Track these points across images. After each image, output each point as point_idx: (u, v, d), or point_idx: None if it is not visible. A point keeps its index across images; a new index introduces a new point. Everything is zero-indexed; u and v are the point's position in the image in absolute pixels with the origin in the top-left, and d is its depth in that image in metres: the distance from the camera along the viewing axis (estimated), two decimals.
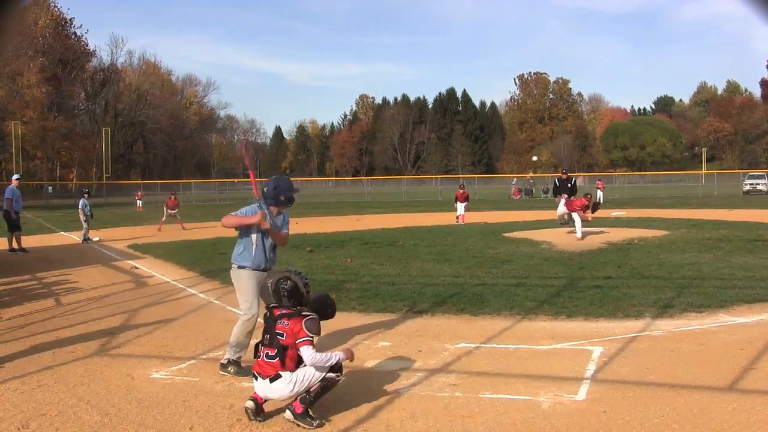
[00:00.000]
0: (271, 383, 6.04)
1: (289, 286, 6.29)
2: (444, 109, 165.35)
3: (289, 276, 6.38)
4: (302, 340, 6.03)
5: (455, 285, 12.78)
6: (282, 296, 6.28)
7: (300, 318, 6.12)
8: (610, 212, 36.48)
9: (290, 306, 6.25)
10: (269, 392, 6.08)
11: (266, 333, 6.20)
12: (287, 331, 6.07)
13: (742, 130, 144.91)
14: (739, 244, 18.07)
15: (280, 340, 6.08)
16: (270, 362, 6.08)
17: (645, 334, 8.88)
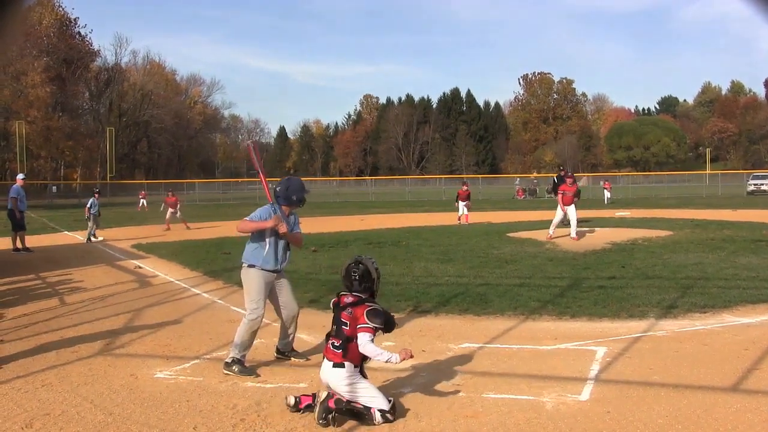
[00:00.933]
0: (333, 367, 6.09)
1: (361, 270, 6.32)
2: (448, 109, 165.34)
3: (360, 260, 6.41)
4: (362, 326, 6.06)
5: (459, 285, 12.77)
6: (354, 280, 6.31)
7: (364, 306, 6.15)
8: (614, 212, 36.48)
9: (361, 291, 6.28)
10: (329, 376, 6.11)
11: (333, 323, 6.26)
12: (350, 319, 6.12)
13: (747, 130, 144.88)
14: (743, 245, 18.04)
15: (344, 330, 6.12)
16: (335, 351, 6.12)
17: (649, 335, 8.87)
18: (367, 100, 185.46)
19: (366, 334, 6.02)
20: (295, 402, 6.20)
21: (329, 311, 10.64)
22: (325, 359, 6.20)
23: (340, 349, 6.09)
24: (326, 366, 6.16)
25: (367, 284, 6.32)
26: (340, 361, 6.07)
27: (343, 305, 6.22)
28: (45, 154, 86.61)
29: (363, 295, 6.29)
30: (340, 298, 6.34)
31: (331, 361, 6.12)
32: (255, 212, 8.12)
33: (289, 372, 7.55)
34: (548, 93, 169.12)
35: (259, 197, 75.62)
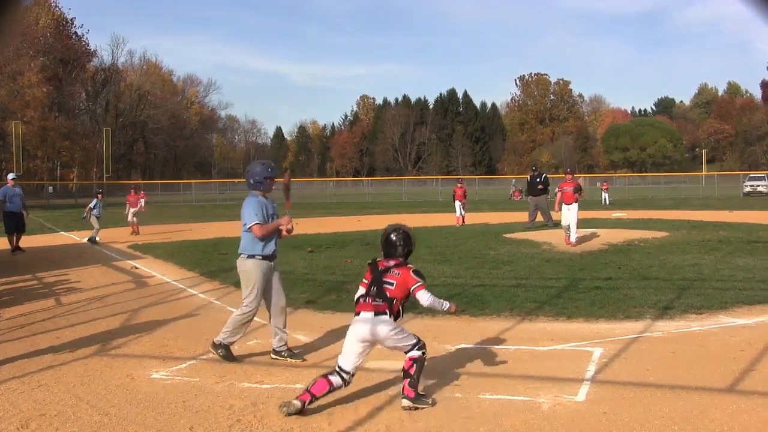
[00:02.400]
0: (375, 316, 6.38)
1: (403, 234, 6.80)
2: (445, 110, 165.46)
3: (401, 226, 6.93)
4: (417, 285, 6.54)
5: (456, 286, 12.78)
6: (397, 246, 6.75)
7: (407, 267, 6.62)
8: (610, 213, 36.51)
9: (401, 255, 6.73)
10: (375, 324, 6.35)
11: (373, 285, 6.53)
12: (398, 279, 6.50)
13: (743, 131, 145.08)
14: (740, 246, 18.06)
15: (388, 290, 6.45)
16: (378, 303, 6.41)
17: (645, 336, 8.88)
18: (364, 100, 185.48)
19: (424, 291, 6.57)
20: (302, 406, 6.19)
21: (326, 312, 10.70)
22: (364, 313, 6.44)
23: (387, 307, 6.41)
24: (369, 318, 6.39)
25: (408, 249, 6.82)
26: (383, 309, 6.39)
27: (385, 268, 6.60)
28: (41, 154, 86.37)
29: (402, 259, 6.72)
30: (377, 263, 6.70)
31: (371, 312, 6.40)
32: (250, 210, 8.20)
33: (286, 373, 7.55)
34: (545, 94, 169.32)
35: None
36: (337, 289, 12.73)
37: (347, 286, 13.04)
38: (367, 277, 6.66)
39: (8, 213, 20.76)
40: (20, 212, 21.10)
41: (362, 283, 6.67)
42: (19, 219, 21.10)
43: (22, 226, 21.29)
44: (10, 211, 20.77)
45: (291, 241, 22.39)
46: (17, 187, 21.52)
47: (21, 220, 21.23)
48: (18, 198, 21.21)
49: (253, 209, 8.22)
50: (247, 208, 8.28)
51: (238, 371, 7.66)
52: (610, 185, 57.77)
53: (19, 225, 21.15)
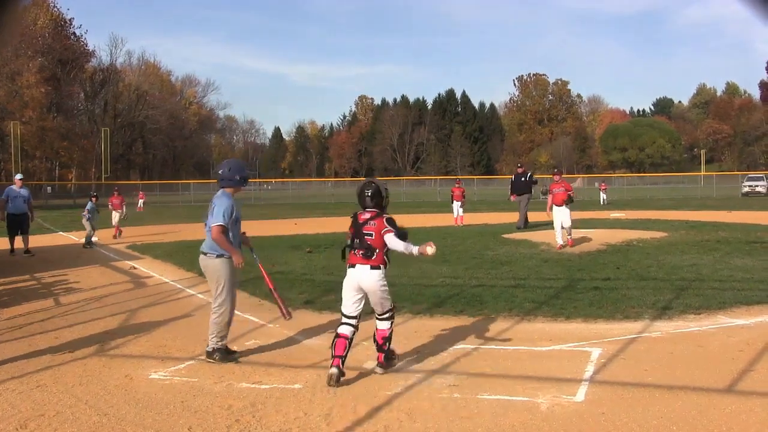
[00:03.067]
0: (371, 270, 7.38)
1: (373, 188, 7.54)
2: (443, 111, 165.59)
3: (372, 180, 7.83)
4: (386, 230, 7.36)
5: (454, 286, 12.78)
6: (366, 197, 7.51)
7: (382, 217, 7.43)
8: (609, 214, 36.52)
9: (373, 207, 7.49)
10: (365, 276, 7.40)
11: (356, 237, 7.47)
12: (375, 230, 7.38)
13: (741, 131, 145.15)
14: (738, 246, 18.06)
15: (369, 240, 7.38)
16: (368, 258, 7.36)
17: (644, 336, 8.88)
18: (362, 101, 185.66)
19: (391, 234, 7.34)
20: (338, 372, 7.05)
21: (325, 312, 10.72)
22: (358, 266, 7.42)
23: (372, 255, 7.33)
24: (362, 270, 7.40)
25: (377, 200, 7.50)
26: (377, 264, 7.36)
27: (364, 221, 7.45)
28: (40, 154, 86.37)
29: (376, 209, 7.50)
30: (357, 216, 7.54)
31: (367, 265, 7.35)
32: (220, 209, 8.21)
33: (285, 373, 7.55)
34: (543, 94, 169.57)
35: (254, 198, 75.63)
36: (336, 290, 12.64)
37: None
38: (350, 229, 7.60)
39: (9, 214, 20.24)
40: (24, 214, 20.48)
41: (348, 236, 7.67)
42: (22, 221, 20.49)
43: (24, 229, 20.60)
44: (11, 213, 20.27)
45: (289, 241, 22.41)
46: (24, 189, 20.80)
47: (24, 223, 20.59)
48: (21, 200, 20.50)
49: (223, 209, 8.18)
50: (219, 206, 8.22)
51: (236, 371, 7.66)
52: (608, 185, 57.81)
53: (22, 227, 20.52)
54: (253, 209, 52.84)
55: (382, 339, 7.45)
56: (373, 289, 7.35)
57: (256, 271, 9.13)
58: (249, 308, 11.35)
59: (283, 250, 19.42)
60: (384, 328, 7.46)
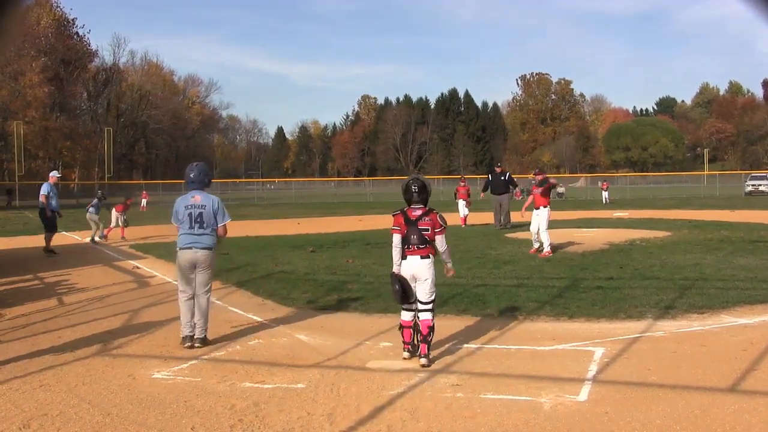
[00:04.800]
0: (422, 259, 7.80)
1: (419, 184, 7.91)
2: (446, 110, 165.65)
3: (418, 176, 8.11)
4: (440, 229, 7.87)
5: (457, 286, 12.75)
6: (414, 192, 7.88)
7: (435, 213, 7.87)
8: (612, 213, 36.49)
9: (420, 202, 7.90)
10: (419, 265, 7.80)
11: (412, 234, 7.80)
12: (431, 225, 7.81)
13: (744, 131, 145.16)
14: (741, 245, 18.05)
15: (427, 234, 7.81)
16: (422, 248, 7.81)
17: (647, 335, 8.87)
18: (365, 100, 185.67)
19: (444, 235, 7.94)
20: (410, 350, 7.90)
21: (328, 311, 10.71)
22: (410, 257, 7.81)
23: (425, 247, 7.80)
24: (414, 260, 7.80)
25: (424, 195, 7.92)
26: (427, 254, 7.82)
27: (417, 218, 7.81)
28: (43, 154, 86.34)
29: (423, 205, 7.92)
30: (407, 213, 7.87)
31: (418, 255, 7.78)
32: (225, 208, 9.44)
33: (288, 373, 7.55)
34: (546, 94, 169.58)
35: (257, 197, 75.64)
36: (339, 289, 12.72)
37: (349, 286, 13.05)
38: (398, 224, 7.86)
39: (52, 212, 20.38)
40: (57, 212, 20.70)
41: (395, 230, 7.90)
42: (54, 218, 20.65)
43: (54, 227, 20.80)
44: (53, 210, 20.41)
45: (292, 241, 22.40)
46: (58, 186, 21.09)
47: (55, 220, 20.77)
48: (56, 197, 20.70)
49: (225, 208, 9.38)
50: (223, 206, 9.34)
51: (239, 371, 7.65)
52: (609, 185, 57.79)
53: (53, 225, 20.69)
54: (256, 209, 52.91)
55: (427, 329, 7.69)
56: (424, 276, 7.75)
57: (259, 271, 9.17)
58: (251, 308, 11.36)
59: (286, 250, 19.41)
60: (428, 318, 7.73)
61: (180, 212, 9.09)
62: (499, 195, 26.29)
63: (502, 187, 26.49)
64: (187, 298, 9.02)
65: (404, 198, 8.01)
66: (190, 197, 9.14)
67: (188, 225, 9.01)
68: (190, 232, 8.99)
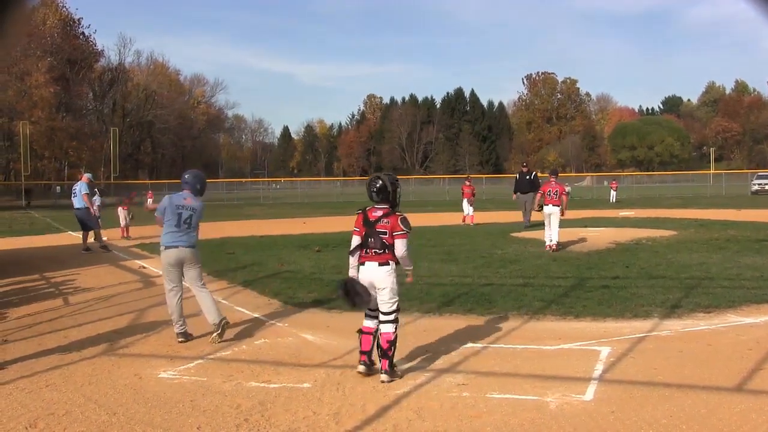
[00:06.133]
0: (380, 266, 7.19)
1: (379, 184, 7.34)
2: (452, 109, 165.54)
3: (378, 175, 7.54)
4: (400, 233, 7.20)
5: (463, 285, 12.76)
6: (372, 192, 7.34)
7: (396, 216, 7.25)
8: (618, 212, 36.45)
9: (380, 202, 7.33)
10: (376, 273, 7.19)
11: (370, 237, 7.24)
12: (389, 228, 7.20)
13: (751, 129, 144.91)
14: (748, 245, 18.02)
15: (384, 239, 7.20)
16: (380, 254, 7.21)
17: (653, 335, 8.86)
18: (371, 100, 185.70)
19: (404, 240, 7.23)
20: (366, 368, 7.25)
21: (334, 311, 10.71)
22: (367, 263, 7.24)
23: (384, 252, 7.20)
24: (371, 267, 7.22)
25: (383, 195, 7.33)
26: (386, 260, 7.20)
27: (376, 219, 7.24)
28: (49, 154, 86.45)
29: (386, 206, 7.34)
30: (367, 213, 7.33)
31: (375, 262, 7.20)
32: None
33: (294, 372, 7.55)
34: (552, 93, 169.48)
35: (262, 197, 75.69)
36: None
37: None
38: (358, 224, 7.35)
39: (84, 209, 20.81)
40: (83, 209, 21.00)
41: (355, 232, 7.37)
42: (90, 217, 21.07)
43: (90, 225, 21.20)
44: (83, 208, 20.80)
45: (298, 240, 22.41)
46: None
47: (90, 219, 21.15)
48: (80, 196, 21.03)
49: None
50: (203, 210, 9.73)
51: (245, 371, 7.66)
52: (618, 184, 57.74)
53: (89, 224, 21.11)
54: (262, 208, 52.98)
55: (387, 343, 7.12)
56: (383, 285, 7.15)
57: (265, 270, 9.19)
58: (257, 307, 11.37)
59: (292, 250, 19.42)
60: (389, 331, 7.16)
61: (169, 209, 9.28)
62: (524, 194, 26.60)
63: (527, 187, 26.71)
64: (175, 295, 9.26)
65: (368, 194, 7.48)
66: (182, 198, 9.39)
67: (175, 224, 9.21)
68: (176, 231, 9.22)
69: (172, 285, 9.29)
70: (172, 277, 9.29)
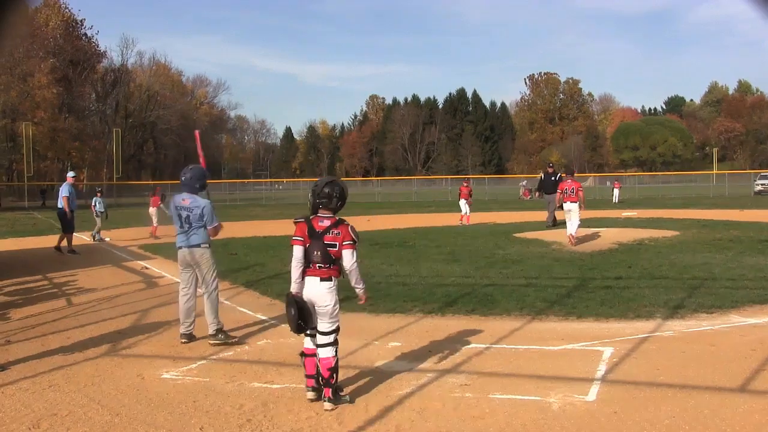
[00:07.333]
0: (321, 281, 6.52)
1: (339, 189, 6.68)
2: (454, 110, 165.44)
3: (334, 179, 6.88)
4: (348, 243, 6.53)
5: (465, 285, 12.76)
6: (333, 197, 6.63)
7: (346, 225, 6.60)
8: (620, 213, 36.42)
9: (330, 211, 6.63)
10: (317, 289, 6.51)
11: (315, 250, 6.51)
12: (339, 240, 6.52)
13: (754, 129, 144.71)
14: (751, 245, 18.00)
15: (332, 252, 6.52)
16: (324, 269, 6.52)
17: (656, 335, 8.85)
18: (373, 100, 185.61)
19: (352, 251, 6.55)
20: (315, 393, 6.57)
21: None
22: (308, 278, 6.55)
23: (328, 267, 6.52)
24: (313, 282, 6.54)
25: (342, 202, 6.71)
26: (328, 276, 6.53)
27: (324, 230, 6.53)
28: (52, 155, 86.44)
29: (331, 214, 6.64)
30: (312, 223, 6.58)
31: (317, 277, 6.52)
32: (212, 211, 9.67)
33: (296, 373, 7.54)
34: (554, 93, 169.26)
35: (265, 197, 75.75)
36: (347, 289, 12.69)
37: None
38: (301, 234, 6.58)
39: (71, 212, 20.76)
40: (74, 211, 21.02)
41: (296, 241, 6.59)
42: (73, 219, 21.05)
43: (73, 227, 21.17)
44: (71, 210, 20.76)
45: None
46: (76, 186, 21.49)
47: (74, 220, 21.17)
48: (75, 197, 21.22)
49: (214, 211, 9.58)
50: (209, 208, 9.54)
51: (248, 371, 7.67)
52: (621, 184, 57.68)
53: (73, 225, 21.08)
54: (265, 209, 53.00)
55: (328, 371, 6.42)
56: (324, 302, 6.50)
57: (268, 271, 9.20)
58: (260, 308, 11.38)
59: None
60: (328, 356, 6.47)
61: (173, 211, 9.52)
62: (549, 194, 26.76)
63: (551, 187, 26.82)
64: (183, 296, 9.39)
65: (311, 203, 6.70)
66: (180, 198, 9.50)
67: (179, 225, 9.43)
68: (180, 232, 9.46)
69: (181, 286, 9.48)
70: (182, 277, 9.50)
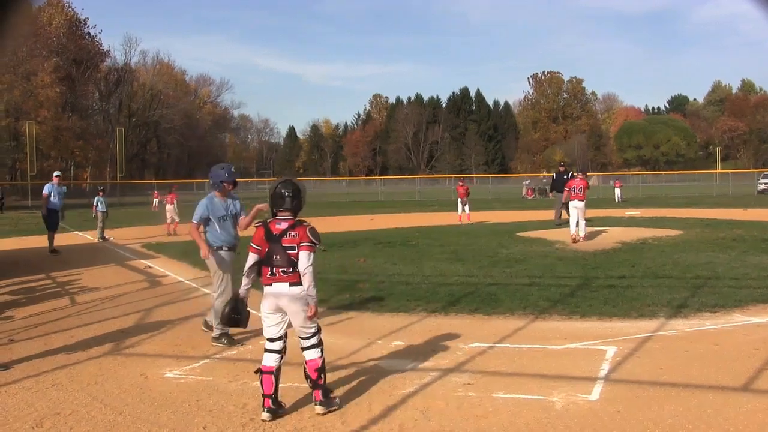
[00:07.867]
0: (291, 287, 6.26)
1: (293, 188, 6.48)
2: (457, 109, 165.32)
3: (290, 178, 6.77)
4: (306, 244, 6.25)
5: (469, 284, 12.76)
6: (286, 197, 6.42)
7: (304, 227, 6.36)
8: (624, 212, 36.38)
9: (288, 212, 6.42)
10: (287, 296, 6.27)
11: (275, 254, 6.29)
12: (297, 241, 6.27)
13: (757, 129, 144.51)
14: (754, 244, 17.98)
15: (292, 255, 6.27)
16: (289, 274, 6.26)
17: (659, 334, 8.84)
18: (377, 99, 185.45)
19: (309, 252, 6.26)
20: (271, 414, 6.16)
21: (339, 311, 10.69)
22: (275, 284, 6.31)
23: (293, 271, 6.25)
24: (281, 288, 6.29)
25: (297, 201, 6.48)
26: (297, 280, 6.24)
27: (281, 232, 6.32)
28: (55, 154, 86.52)
29: (290, 216, 6.44)
30: (269, 226, 6.40)
31: (285, 282, 6.26)
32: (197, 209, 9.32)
33: (298, 372, 7.53)
34: (558, 92, 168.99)
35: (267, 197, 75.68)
36: (350, 288, 12.73)
37: (360, 285, 13.06)
38: (258, 240, 6.41)
39: (51, 210, 20.69)
40: (58, 211, 20.98)
41: (253, 249, 6.42)
42: (58, 218, 21.08)
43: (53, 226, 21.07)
44: (53, 209, 20.72)
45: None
46: (63, 186, 21.44)
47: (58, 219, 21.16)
48: (60, 197, 21.09)
49: (199, 209, 9.26)
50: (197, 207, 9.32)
51: (251, 370, 7.64)
52: (622, 183, 57.61)
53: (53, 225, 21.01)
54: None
55: (315, 372, 6.34)
56: (294, 309, 6.31)
57: None
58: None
59: None
60: (314, 358, 6.37)
61: None
62: (560, 193, 26.83)
63: (562, 186, 26.83)
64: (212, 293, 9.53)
65: (270, 206, 6.58)
66: None
67: None
68: None
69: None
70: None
